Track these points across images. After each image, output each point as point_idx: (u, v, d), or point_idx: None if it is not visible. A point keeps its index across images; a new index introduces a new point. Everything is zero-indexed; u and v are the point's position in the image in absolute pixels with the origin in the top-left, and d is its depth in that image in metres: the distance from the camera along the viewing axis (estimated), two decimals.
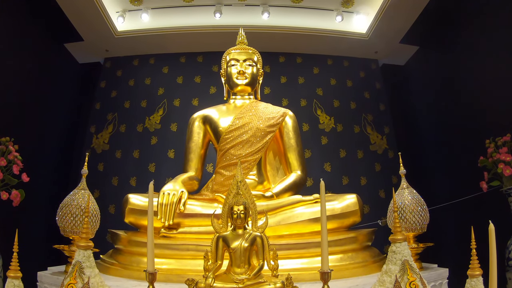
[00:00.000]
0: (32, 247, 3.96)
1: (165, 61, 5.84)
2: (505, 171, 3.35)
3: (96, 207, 2.55)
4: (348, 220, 2.83)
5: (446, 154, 5.04)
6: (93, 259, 1.68)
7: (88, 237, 1.71)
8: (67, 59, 5.59)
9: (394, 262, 1.50)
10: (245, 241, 1.77)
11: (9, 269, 1.68)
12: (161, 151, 5.38)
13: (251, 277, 1.69)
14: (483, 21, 4.30)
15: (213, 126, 3.39)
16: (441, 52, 5.18)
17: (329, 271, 1.60)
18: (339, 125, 5.60)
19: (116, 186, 5.21)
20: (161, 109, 5.60)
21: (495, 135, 3.60)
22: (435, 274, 2.54)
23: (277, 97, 5.44)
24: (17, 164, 3.32)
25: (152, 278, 1.62)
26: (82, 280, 1.58)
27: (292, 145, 3.37)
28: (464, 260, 1.92)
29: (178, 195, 2.75)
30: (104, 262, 2.74)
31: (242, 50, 3.55)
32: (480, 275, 1.56)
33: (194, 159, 3.39)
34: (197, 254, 2.41)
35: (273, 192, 2.99)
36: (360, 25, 5.34)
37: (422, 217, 2.55)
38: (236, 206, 1.80)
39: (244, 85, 3.48)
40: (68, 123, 5.53)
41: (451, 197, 4.02)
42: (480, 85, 4.31)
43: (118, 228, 3.05)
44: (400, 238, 1.55)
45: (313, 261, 2.46)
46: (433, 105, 5.38)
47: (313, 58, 5.90)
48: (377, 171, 5.43)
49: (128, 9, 5.15)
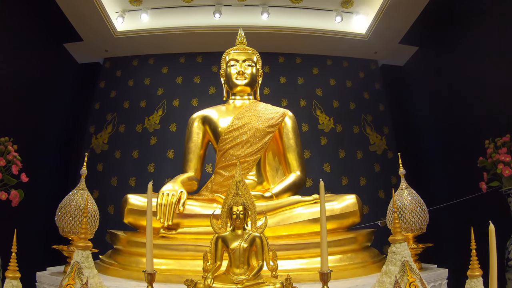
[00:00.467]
0: (31, 247, 3.96)
1: (164, 61, 5.83)
2: (505, 172, 3.35)
3: (95, 207, 2.54)
4: (347, 220, 2.83)
5: (445, 154, 5.03)
6: (91, 260, 1.67)
7: (86, 238, 1.70)
8: (67, 59, 5.59)
9: (394, 263, 1.50)
10: (245, 242, 1.77)
11: (8, 269, 1.68)
12: (160, 151, 5.37)
13: (251, 278, 1.68)
14: (482, 21, 4.30)
15: (212, 126, 3.39)
16: (440, 52, 5.17)
17: (328, 271, 1.60)
18: (339, 126, 5.60)
19: (115, 186, 5.20)
20: (161, 110, 5.59)
21: (495, 136, 3.60)
22: (434, 275, 2.53)
23: (277, 97, 5.43)
24: (16, 164, 3.31)
25: (151, 279, 1.61)
26: (80, 281, 1.58)
27: (292, 145, 3.36)
28: (464, 261, 1.92)
29: (178, 196, 2.75)
30: (103, 263, 2.73)
31: (242, 50, 3.55)
32: (480, 276, 1.55)
33: (194, 159, 3.39)
34: (196, 255, 2.41)
35: (273, 192, 2.99)
36: (359, 25, 5.34)
37: (422, 217, 2.54)
38: (235, 206, 1.80)
39: (243, 85, 3.47)
40: (68, 123, 5.52)
41: (450, 197, 4.01)
42: (479, 86, 4.31)
43: (117, 228, 3.05)
44: (400, 238, 1.55)
45: (312, 262, 2.46)
46: (432, 105, 5.38)
47: (313, 58, 5.90)
48: (376, 172, 5.43)
49: (127, 9, 5.15)
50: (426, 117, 5.55)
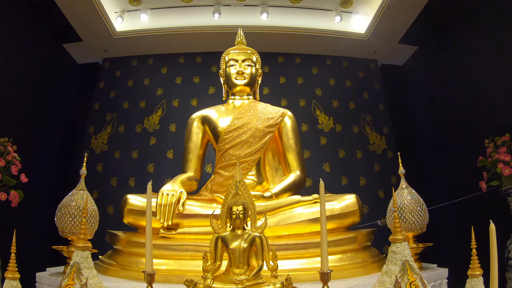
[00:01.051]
0: (31, 248, 3.95)
1: (164, 61, 5.83)
2: (504, 171, 3.35)
3: (94, 207, 2.54)
4: (347, 220, 2.83)
5: (445, 154, 5.03)
6: (91, 260, 1.67)
7: (86, 238, 1.70)
8: (66, 59, 5.58)
9: (394, 263, 1.49)
10: (244, 242, 1.77)
11: (7, 270, 1.67)
12: (160, 151, 5.37)
13: (251, 278, 1.68)
14: (482, 21, 4.30)
15: (212, 126, 3.39)
16: (440, 52, 5.17)
17: (329, 271, 1.60)
18: (338, 125, 5.60)
19: (115, 186, 5.20)
20: (160, 110, 5.59)
21: (494, 135, 3.60)
22: (434, 274, 2.54)
23: (276, 97, 5.43)
24: (16, 165, 3.31)
25: (151, 279, 1.61)
26: (80, 281, 1.57)
27: (291, 145, 3.36)
28: (464, 260, 1.92)
29: (177, 196, 2.75)
30: (103, 263, 2.73)
31: (241, 50, 3.55)
32: (480, 275, 1.55)
33: (193, 159, 3.39)
34: (196, 255, 2.41)
35: (272, 192, 2.99)
36: (359, 25, 5.33)
37: (422, 217, 2.54)
38: (235, 206, 1.80)
39: (243, 85, 3.47)
40: (67, 123, 5.51)
41: (450, 197, 4.01)
42: (479, 85, 4.31)
43: (116, 228, 3.04)
44: (400, 238, 1.55)
45: (312, 262, 2.46)
46: (432, 105, 5.38)
47: (312, 58, 5.89)
48: (376, 171, 5.42)
49: (126, 9, 5.14)
50: (425, 117, 5.55)
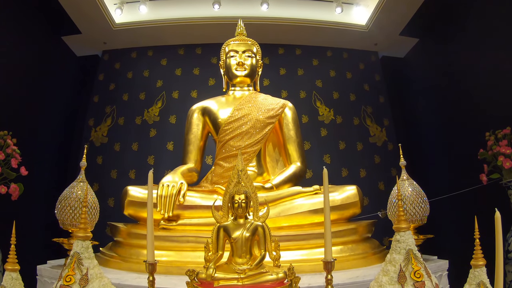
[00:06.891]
0: (31, 240, 3.95)
1: (163, 53, 5.79)
2: (505, 164, 3.34)
3: (95, 199, 2.53)
4: (348, 211, 2.83)
5: (445, 146, 5.02)
6: (91, 250, 1.66)
7: (86, 228, 1.68)
8: (65, 52, 5.54)
9: (398, 251, 1.48)
10: (247, 231, 1.75)
11: (7, 261, 1.66)
12: (160, 143, 5.36)
13: (253, 267, 1.67)
14: (483, 13, 4.27)
15: (212, 117, 3.37)
16: (441, 44, 5.14)
17: (332, 260, 1.59)
18: (339, 117, 5.58)
19: (115, 179, 5.19)
20: (160, 102, 5.56)
21: (495, 128, 3.58)
22: (435, 266, 2.54)
23: (277, 88, 5.41)
24: (16, 158, 3.29)
25: (152, 269, 1.60)
26: (80, 272, 1.56)
27: (292, 136, 3.35)
28: (464, 252, 1.91)
29: (178, 187, 2.74)
30: (104, 255, 2.73)
31: (241, 41, 3.53)
32: (483, 265, 1.54)
33: (193, 151, 3.38)
34: (197, 246, 2.40)
35: (273, 183, 2.98)
36: (359, 17, 5.30)
37: (422, 208, 2.54)
38: (237, 195, 1.78)
39: (243, 76, 3.46)
40: (67, 116, 5.49)
41: (450, 189, 4.00)
42: (480, 78, 4.29)
43: (117, 221, 3.04)
44: (404, 226, 1.53)
45: (312, 253, 2.46)
46: (432, 97, 5.35)
47: (313, 50, 5.86)
48: (376, 163, 5.42)
49: (125, 1, 5.10)
50: (426, 109, 5.53)
